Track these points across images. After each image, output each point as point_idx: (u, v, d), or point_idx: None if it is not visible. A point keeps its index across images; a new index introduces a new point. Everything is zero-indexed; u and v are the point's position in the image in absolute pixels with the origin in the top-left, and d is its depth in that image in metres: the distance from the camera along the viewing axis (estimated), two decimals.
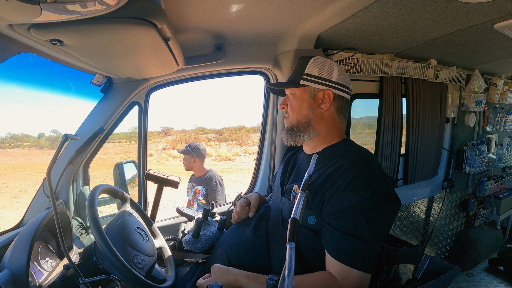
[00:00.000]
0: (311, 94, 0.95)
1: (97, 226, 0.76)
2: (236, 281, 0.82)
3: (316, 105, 0.94)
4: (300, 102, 0.96)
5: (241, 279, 0.82)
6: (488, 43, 1.52)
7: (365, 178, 0.79)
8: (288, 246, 0.42)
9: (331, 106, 0.95)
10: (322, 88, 0.94)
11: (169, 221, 1.43)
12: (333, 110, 0.96)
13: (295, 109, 0.97)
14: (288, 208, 0.92)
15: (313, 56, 0.98)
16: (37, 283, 0.82)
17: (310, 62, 0.96)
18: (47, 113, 22.29)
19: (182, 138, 20.31)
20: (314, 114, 0.95)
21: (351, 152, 0.89)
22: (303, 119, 0.96)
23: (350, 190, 0.78)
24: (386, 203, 0.78)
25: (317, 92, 0.94)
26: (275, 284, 0.50)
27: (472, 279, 2.33)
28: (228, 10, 1.05)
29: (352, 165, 0.82)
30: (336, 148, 0.94)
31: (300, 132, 0.96)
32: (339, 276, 0.76)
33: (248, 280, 0.81)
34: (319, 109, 0.94)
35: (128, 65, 1.12)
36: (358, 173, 0.80)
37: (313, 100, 0.95)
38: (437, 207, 2.35)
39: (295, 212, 0.56)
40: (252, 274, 0.83)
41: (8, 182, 9.26)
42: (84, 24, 0.65)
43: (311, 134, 0.95)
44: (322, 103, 0.94)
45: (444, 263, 0.80)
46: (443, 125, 2.22)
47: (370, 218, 0.76)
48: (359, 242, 0.75)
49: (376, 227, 0.76)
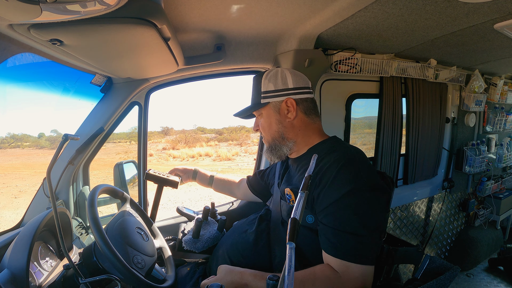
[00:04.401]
0: (275, 108, 0.96)
1: (97, 226, 0.76)
2: (242, 279, 0.82)
3: (283, 117, 0.96)
4: (268, 120, 0.98)
5: (247, 277, 0.82)
6: (488, 43, 1.52)
7: (349, 172, 0.80)
8: (288, 246, 0.42)
9: (298, 112, 0.96)
10: (283, 99, 0.95)
11: (169, 221, 1.44)
12: (301, 114, 0.97)
13: (266, 128, 0.99)
14: (286, 210, 0.93)
15: (264, 72, 0.99)
16: (37, 283, 0.82)
17: (263, 79, 0.98)
18: (47, 113, 22.29)
19: (182, 138, 20.30)
20: (285, 126, 0.96)
21: (336, 149, 0.90)
22: (276, 134, 0.98)
23: (335, 185, 0.79)
24: (371, 194, 0.78)
25: (280, 104, 0.96)
26: (275, 284, 0.50)
27: (472, 279, 2.33)
28: (228, 10, 1.05)
29: (336, 160, 0.83)
30: (321, 146, 0.95)
31: (278, 147, 0.98)
32: (338, 270, 0.77)
33: (253, 278, 0.82)
34: (287, 119, 0.96)
35: (128, 65, 1.12)
36: (341, 167, 0.81)
37: (279, 113, 0.96)
38: (437, 207, 2.35)
39: (295, 212, 0.56)
40: (257, 272, 0.84)
41: (8, 182, 9.26)
42: (84, 24, 0.65)
43: (289, 144, 0.97)
44: (288, 113, 0.95)
45: (444, 263, 0.80)
46: (443, 125, 2.22)
47: (359, 212, 0.76)
48: (351, 236, 0.76)
49: (366, 220, 0.76)
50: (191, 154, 15.99)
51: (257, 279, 0.81)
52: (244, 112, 1.03)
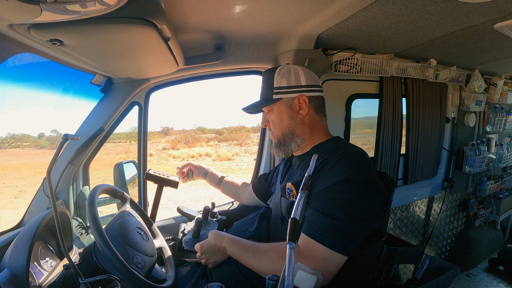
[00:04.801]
0: (287, 104, 0.97)
1: (97, 226, 0.76)
2: (221, 243, 0.91)
3: (295, 113, 0.97)
4: (279, 116, 0.98)
5: (226, 241, 0.91)
6: (488, 43, 1.52)
7: (344, 164, 0.82)
8: (288, 246, 0.42)
9: (309, 109, 0.97)
10: (296, 95, 0.96)
11: (169, 221, 1.44)
12: (312, 111, 0.98)
13: (277, 123, 0.99)
14: (286, 206, 0.94)
15: (276, 68, 0.99)
16: (37, 283, 0.82)
17: (276, 75, 0.97)
18: (47, 113, 22.29)
19: (182, 138, 20.29)
20: (296, 122, 0.97)
21: (339, 147, 0.91)
22: (287, 130, 0.98)
23: (329, 174, 0.81)
24: (362, 188, 0.79)
25: (292, 101, 0.96)
26: (275, 284, 0.50)
27: (472, 279, 2.33)
28: (228, 10, 1.05)
29: (336, 155, 0.86)
30: (325, 145, 0.96)
31: (287, 143, 0.98)
32: (301, 246, 0.79)
33: (229, 242, 0.90)
34: (299, 116, 0.97)
35: (128, 65, 1.12)
36: (338, 161, 0.83)
37: (291, 109, 0.97)
38: (437, 207, 2.35)
39: (295, 212, 0.56)
40: (235, 238, 0.92)
41: (8, 182, 9.26)
42: (84, 24, 0.65)
43: (298, 141, 0.98)
44: (300, 109, 0.96)
45: (444, 263, 0.80)
46: (443, 125, 2.22)
47: (342, 198, 0.78)
48: (327, 218, 0.77)
49: (347, 208, 0.77)
50: (191, 154, 15.99)
51: (232, 244, 0.89)
52: (255, 106, 1.03)
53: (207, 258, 0.95)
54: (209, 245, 0.94)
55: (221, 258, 0.94)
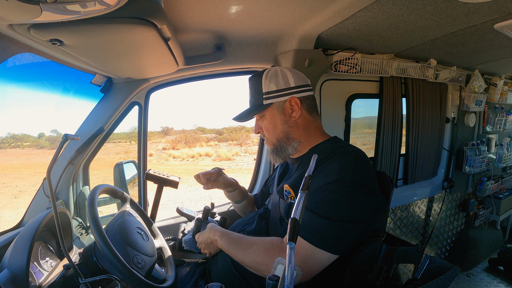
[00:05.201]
0: (279, 109, 0.94)
1: (97, 226, 0.76)
2: (214, 236, 0.93)
3: (287, 116, 0.94)
4: (272, 121, 0.96)
5: (217, 234, 0.93)
6: (488, 43, 1.52)
7: (339, 164, 0.81)
8: (288, 246, 0.42)
9: (302, 110, 0.95)
10: (287, 98, 0.93)
11: (169, 221, 1.44)
12: (305, 112, 0.96)
13: (271, 129, 0.97)
14: (284, 207, 0.93)
15: (263, 72, 0.96)
16: (37, 283, 0.82)
17: (263, 79, 0.95)
18: (47, 113, 22.28)
19: (182, 138, 20.29)
20: (290, 126, 0.95)
21: (337, 147, 0.90)
22: (281, 135, 0.96)
23: (323, 173, 0.81)
24: (354, 189, 0.77)
25: (283, 104, 0.94)
26: (275, 284, 0.50)
27: (472, 279, 2.33)
28: (228, 10, 1.05)
29: (333, 155, 0.85)
30: (323, 146, 0.94)
31: (283, 148, 0.96)
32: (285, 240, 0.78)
33: (220, 235, 0.92)
34: (292, 119, 0.94)
35: (128, 65, 1.12)
36: (334, 161, 0.82)
37: (283, 113, 0.94)
38: (437, 207, 2.35)
39: (295, 212, 0.56)
40: (226, 232, 0.93)
41: (8, 182, 9.26)
42: (84, 24, 0.65)
43: (294, 145, 0.96)
44: (293, 112, 0.94)
45: (444, 263, 0.80)
46: (443, 125, 2.22)
47: (331, 198, 0.77)
48: (313, 215, 0.76)
49: (334, 207, 0.76)
50: (191, 154, 15.99)
51: (222, 237, 0.91)
52: (245, 115, 0.99)
53: (203, 248, 0.99)
54: (204, 237, 0.97)
55: (215, 250, 0.96)
